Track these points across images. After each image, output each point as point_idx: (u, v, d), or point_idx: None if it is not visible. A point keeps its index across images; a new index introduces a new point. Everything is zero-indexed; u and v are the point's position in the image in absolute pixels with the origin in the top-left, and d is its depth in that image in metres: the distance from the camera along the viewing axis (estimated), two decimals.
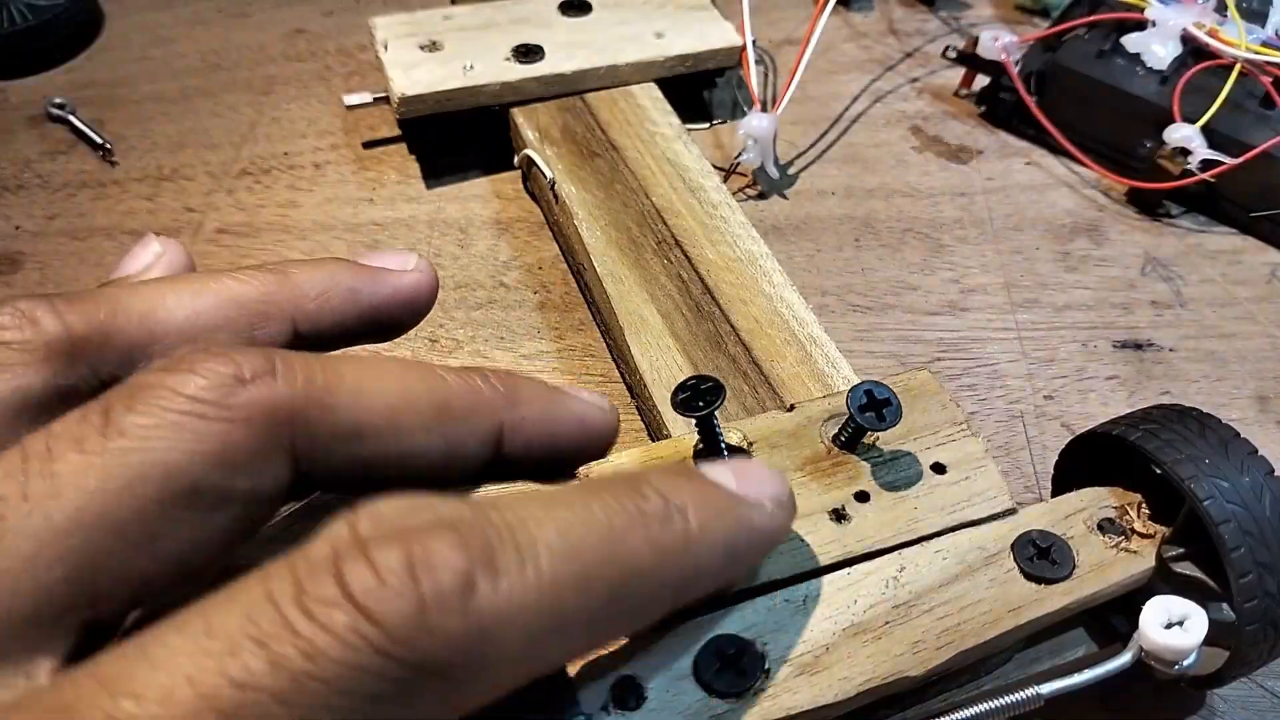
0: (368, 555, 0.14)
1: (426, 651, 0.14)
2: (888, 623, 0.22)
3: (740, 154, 0.42)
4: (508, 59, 0.42)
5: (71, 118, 0.47)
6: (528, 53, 0.42)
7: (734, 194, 0.42)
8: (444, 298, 0.39)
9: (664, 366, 0.31)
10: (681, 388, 0.23)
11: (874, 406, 0.24)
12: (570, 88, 0.42)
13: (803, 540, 0.23)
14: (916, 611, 0.22)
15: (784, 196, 0.43)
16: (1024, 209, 0.43)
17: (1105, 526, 0.24)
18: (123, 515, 0.16)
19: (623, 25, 0.45)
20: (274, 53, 0.52)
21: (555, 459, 0.23)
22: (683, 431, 0.28)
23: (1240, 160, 0.40)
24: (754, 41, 0.44)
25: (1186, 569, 0.24)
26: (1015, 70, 0.45)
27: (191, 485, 0.17)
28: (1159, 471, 0.24)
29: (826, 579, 0.22)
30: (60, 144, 0.46)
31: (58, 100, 0.47)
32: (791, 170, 0.45)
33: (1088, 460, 0.27)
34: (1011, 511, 0.24)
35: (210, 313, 0.21)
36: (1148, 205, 0.43)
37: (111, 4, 0.54)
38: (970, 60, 0.47)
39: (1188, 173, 0.40)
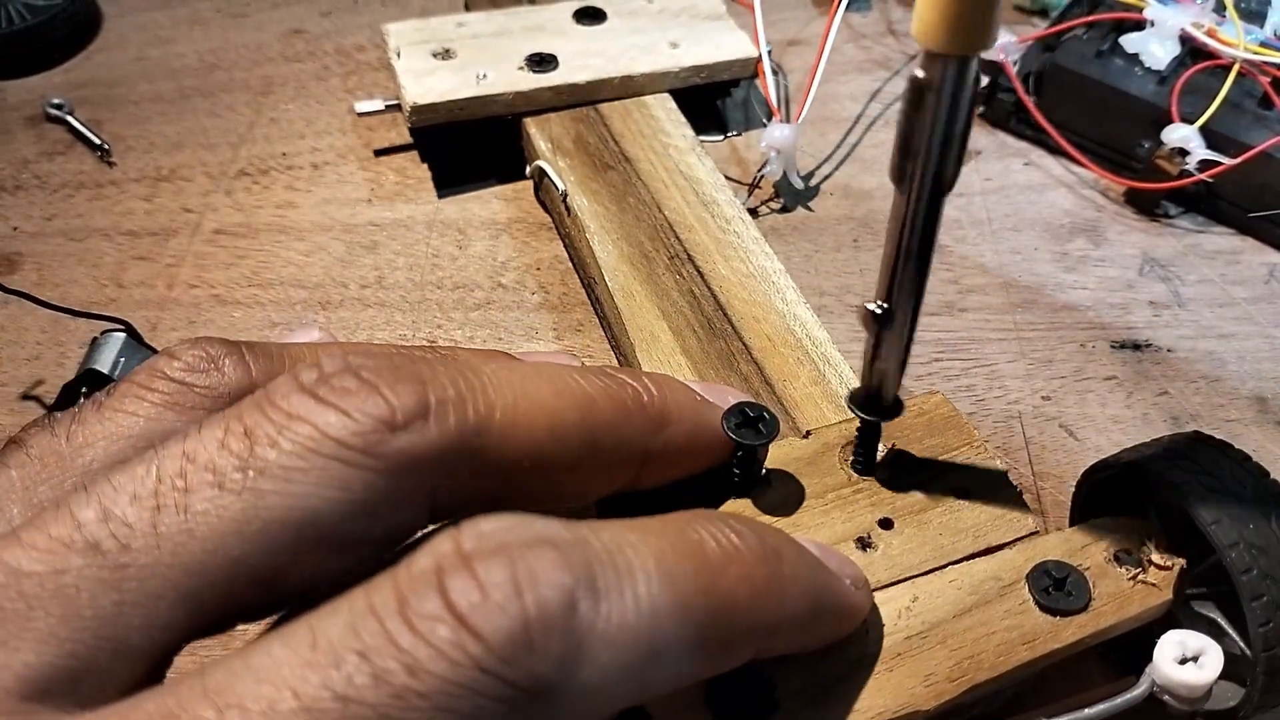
0: (471, 568, 0.14)
1: (528, 670, 0.14)
2: (899, 654, 0.21)
3: (763, 167, 0.42)
4: (521, 68, 0.42)
5: (69, 118, 0.47)
6: (541, 62, 0.42)
7: (757, 207, 0.42)
8: (442, 298, 0.39)
9: None
10: (734, 412, 0.23)
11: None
12: (584, 98, 0.42)
13: None
14: (929, 643, 0.22)
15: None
16: (1022, 209, 0.43)
17: (1122, 558, 0.24)
18: (254, 560, 0.16)
19: (637, 34, 0.44)
20: (272, 53, 0.52)
21: (694, 469, 0.22)
22: None
23: (1238, 160, 0.39)
24: (769, 51, 0.44)
25: (1205, 605, 0.24)
26: (1014, 70, 0.45)
27: (329, 532, 0.16)
28: (1184, 509, 0.23)
29: None
30: (58, 144, 0.46)
31: (56, 100, 0.47)
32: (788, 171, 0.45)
33: (1109, 485, 0.26)
34: (1035, 534, 0.24)
35: None
36: (1146, 206, 0.43)
37: (109, 4, 0.54)
38: None
39: (1186, 173, 0.40)
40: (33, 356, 0.37)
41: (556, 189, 0.38)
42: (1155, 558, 0.24)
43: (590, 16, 0.45)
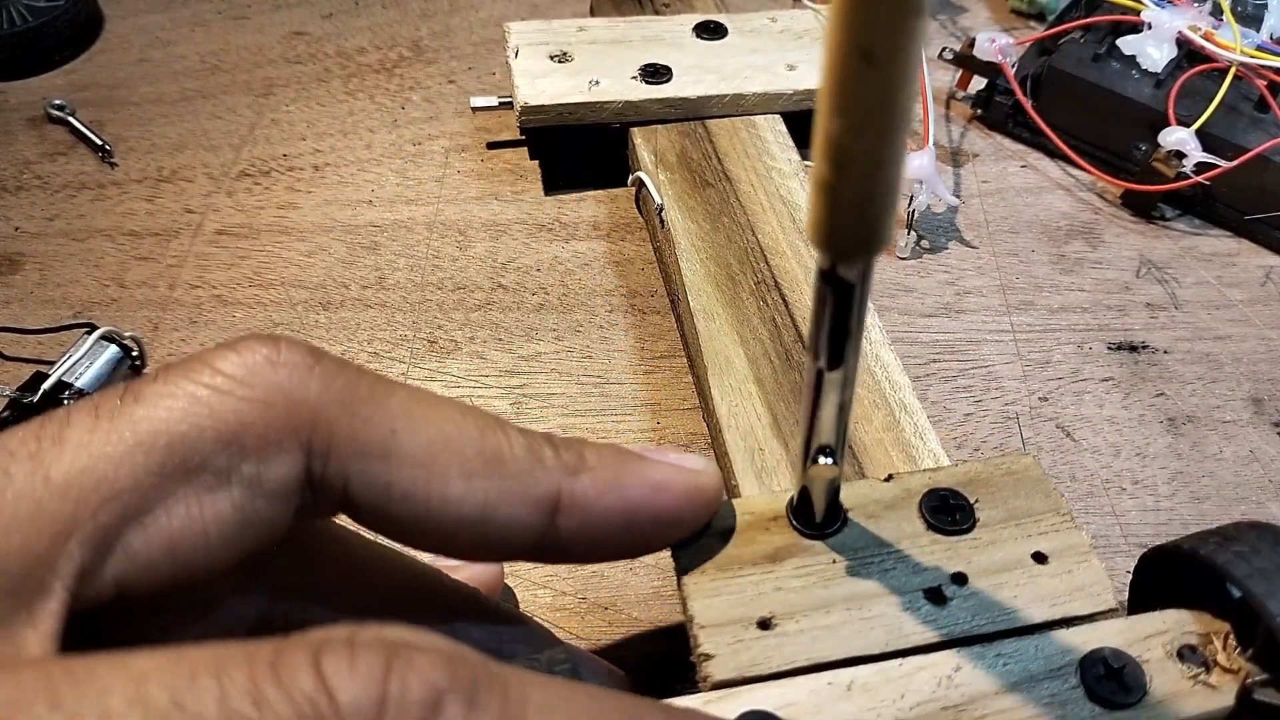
0: (353, 648, 0.14)
1: None
2: None
3: (911, 202, 0.40)
4: (634, 77, 0.42)
5: (71, 119, 0.47)
6: (655, 73, 0.42)
7: (917, 243, 0.41)
8: (443, 299, 0.39)
9: (742, 414, 0.30)
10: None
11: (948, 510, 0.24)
12: (693, 112, 0.42)
13: (896, 617, 0.22)
14: (966, 717, 0.20)
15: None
16: (1019, 211, 0.44)
17: (1186, 654, 0.22)
18: (120, 482, 0.16)
19: (755, 53, 0.44)
20: (273, 55, 0.52)
21: (637, 535, 0.21)
22: (752, 486, 0.28)
23: (1235, 163, 0.40)
24: None
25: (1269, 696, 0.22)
26: (1011, 73, 0.45)
27: (194, 459, 0.17)
28: (1254, 609, 0.22)
29: (876, 667, 0.21)
30: (60, 145, 0.46)
31: (57, 101, 0.47)
32: None
33: (1170, 575, 0.25)
34: (1114, 611, 0.23)
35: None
36: (1143, 208, 0.43)
37: (111, 6, 0.55)
38: (966, 62, 0.47)
39: (1182, 176, 0.41)
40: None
41: (654, 201, 0.38)
42: (1221, 658, 0.22)
43: (711, 31, 0.45)
